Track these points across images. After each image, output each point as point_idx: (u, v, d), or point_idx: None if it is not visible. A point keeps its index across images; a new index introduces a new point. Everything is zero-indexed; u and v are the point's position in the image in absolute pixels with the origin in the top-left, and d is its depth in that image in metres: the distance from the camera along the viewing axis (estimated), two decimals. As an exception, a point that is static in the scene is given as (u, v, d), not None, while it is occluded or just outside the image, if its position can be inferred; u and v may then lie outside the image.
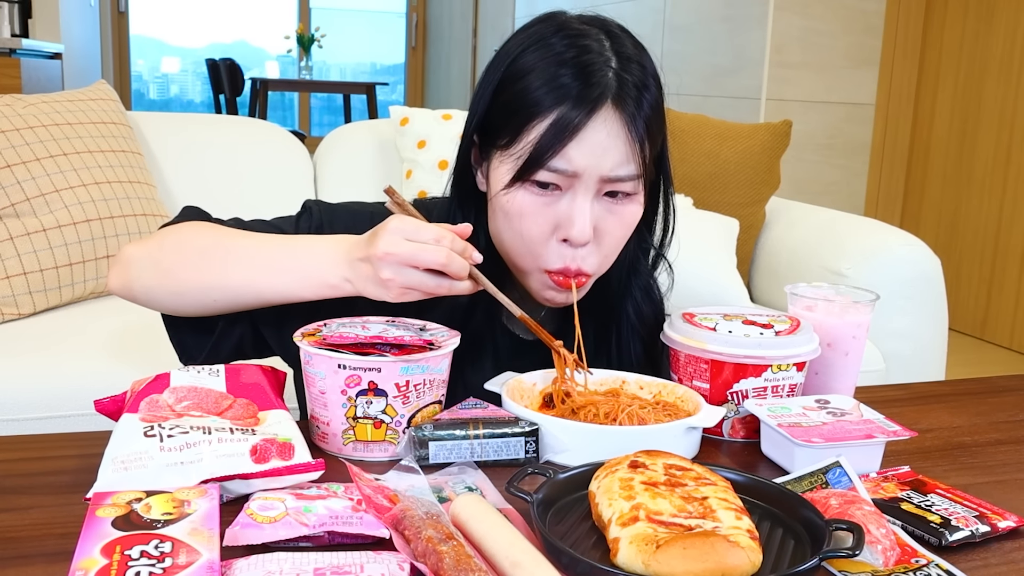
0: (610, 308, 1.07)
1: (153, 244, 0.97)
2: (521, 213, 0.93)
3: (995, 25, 3.65)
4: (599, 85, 0.90)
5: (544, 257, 0.95)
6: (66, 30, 5.15)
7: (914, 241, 1.95)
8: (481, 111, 0.97)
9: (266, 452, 0.77)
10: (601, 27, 0.95)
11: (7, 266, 1.62)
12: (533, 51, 0.93)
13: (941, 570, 0.70)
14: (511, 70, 0.94)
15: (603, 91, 0.90)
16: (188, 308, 0.98)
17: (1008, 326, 3.64)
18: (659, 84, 0.95)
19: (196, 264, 0.94)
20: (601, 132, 0.90)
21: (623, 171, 0.92)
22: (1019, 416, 1.09)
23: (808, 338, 0.99)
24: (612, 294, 1.06)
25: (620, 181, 0.92)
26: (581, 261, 0.94)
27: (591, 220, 0.92)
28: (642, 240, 1.07)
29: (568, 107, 0.89)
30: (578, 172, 0.91)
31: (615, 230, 0.95)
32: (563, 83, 0.90)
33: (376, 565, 0.63)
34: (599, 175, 0.91)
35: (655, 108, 0.94)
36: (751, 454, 0.95)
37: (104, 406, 0.88)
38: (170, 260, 0.95)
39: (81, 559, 0.61)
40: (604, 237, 0.95)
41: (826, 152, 3.79)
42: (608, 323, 1.09)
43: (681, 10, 4.13)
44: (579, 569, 0.65)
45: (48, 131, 1.75)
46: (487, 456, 0.87)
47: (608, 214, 0.94)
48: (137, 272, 0.96)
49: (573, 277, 0.95)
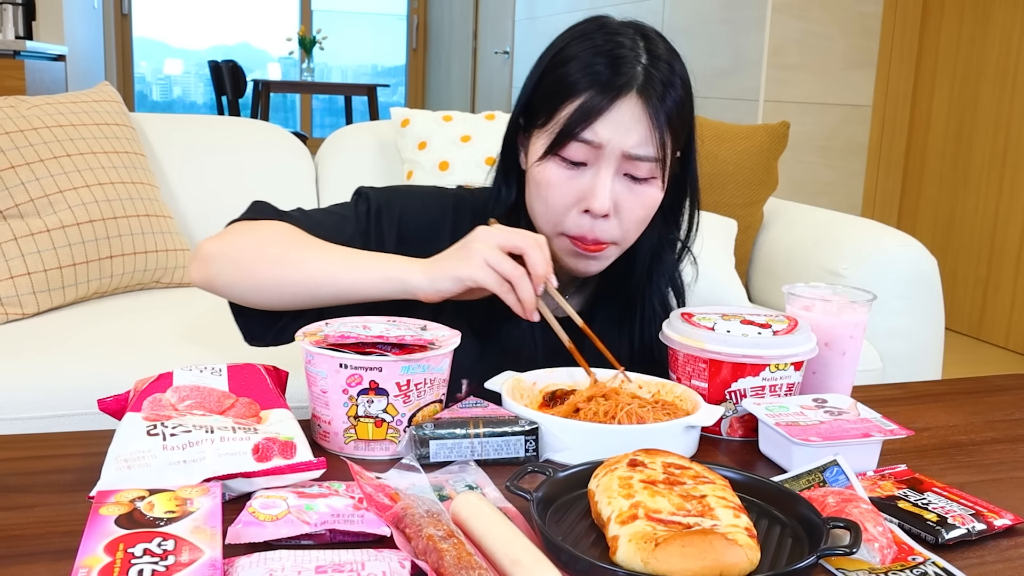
0: (635, 294, 1.15)
1: (232, 241, 1.03)
2: (549, 183, 1.02)
3: (991, 28, 3.65)
4: (627, 75, 0.99)
5: (564, 224, 1.04)
6: (70, 32, 5.14)
7: (911, 241, 1.95)
8: (526, 95, 1.08)
9: (268, 451, 0.77)
10: (638, 29, 1.05)
11: (11, 266, 1.62)
12: (575, 44, 1.03)
13: (937, 568, 0.70)
14: (555, 59, 1.04)
15: (629, 80, 0.99)
16: (266, 301, 1.03)
17: (1004, 326, 3.64)
18: (687, 87, 1.04)
19: (276, 260, 1.00)
20: (625, 114, 0.99)
21: (642, 151, 1.00)
22: (1015, 415, 1.10)
23: (806, 338, 0.99)
24: (637, 279, 1.14)
25: (639, 160, 1.00)
26: (600, 231, 1.03)
27: (611, 194, 1.01)
28: (668, 232, 1.15)
29: (597, 90, 0.99)
30: (602, 144, 0.99)
31: (633, 208, 1.03)
32: (596, 70, 1.00)
33: (377, 563, 0.63)
34: (621, 150, 1.00)
35: (679, 105, 1.02)
36: (749, 453, 0.95)
37: (107, 405, 0.88)
38: (250, 257, 1.01)
39: (85, 557, 0.61)
40: (623, 212, 1.03)
41: (823, 153, 3.79)
42: (632, 308, 1.15)
43: (680, 12, 4.13)
44: (578, 567, 0.65)
45: (52, 132, 1.75)
46: (487, 455, 0.87)
47: (627, 192, 1.02)
48: (218, 268, 1.02)
49: (591, 244, 1.03)
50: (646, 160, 1.00)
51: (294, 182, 2.11)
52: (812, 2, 3.63)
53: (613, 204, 1.01)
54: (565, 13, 5.20)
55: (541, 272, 0.93)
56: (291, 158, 2.14)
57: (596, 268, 1.07)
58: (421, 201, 1.13)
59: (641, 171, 1.01)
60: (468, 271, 0.92)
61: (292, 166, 2.13)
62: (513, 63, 6.05)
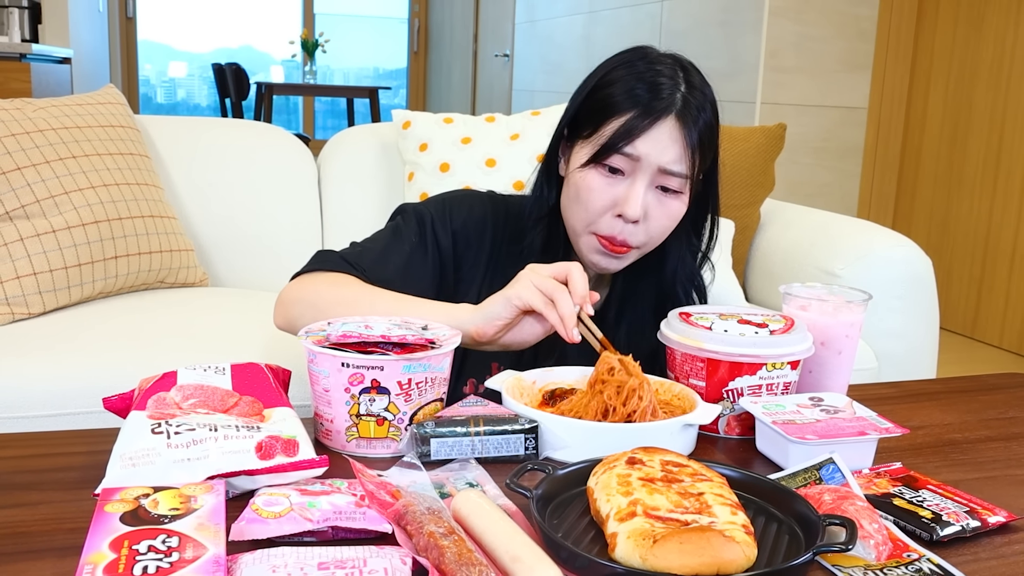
0: (666, 292, 1.23)
1: (310, 289, 1.11)
2: (590, 188, 1.11)
3: (985, 31, 3.65)
4: (668, 100, 1.09)
5: (597, 225, 1.12)
6: (75, 35, 5.14)
7: (906, 242, 1.94)
8: (573, 109, 1.17)
9: (271, 449, 0.78)
10: (676, 60, 1.15)
11: (17, 266, 1.62)
12: (620, 69, 1.13)
13: (932, 564, 0.70)
14: (601, 81, 1.14)
15: (669, 105, 1.09)
16: None
17: (998, 325, 3.64)
18: (715, 111, 1.14)
19: (350, 303, 1.06)
20: (664, 133, 1.09)
21: (676, 167, 1.09)
22: (1008, 413, 1.10)
23: (802, 337, 0.99)
24: (667, 281, 1.23)
25: (672, 176, 1.10)
26: (628, 235, 1.11)
27: (643, 203, 1.09)
28: (691, 243, 1.24)
29: (641, 111, 1.09)
30: (640, 158, 1.09)
31: (660, 217, 1.12)
32: (638, 94, 1.10)
33: (379, 559, 0.63)
34: (657, 165, 1.09)
35: (708, 127, 1.13)
36: (746, 451, 0.95)
37: (112, 403, 0.88)
38: (326, 301, 1.08)
39: (90, 553, 0.61)
40: (650, 221, 1.12)
41: (820, 155, 3.79)
42: (663, 306, 1.19)
43: (678, 16, 4.13)
44: (578, 563, 0.65)
45: (57, 134, 1.75)
46: (487, 453, 0.87)
47: (657, 203, 1.11)
48: (299, 313, 1.09)
49: (619, 245, 1.12)
50: (678, 176, 1.10)
51: (297, 183, 2.11)
52: (808, 5, 3.63)
53: (644, 211, 1.10)
54: (564, 16, 5.20)
55: (581, 291, 0.98)
56: (294, 159, 2.14)
57: (616, 267, 1.16)
58: (466, 203, 1.23)
59: (672, 184, 1.10)
60: (515, 291, 0.98)
61: (295, 167, 2.13)
62: (513, 66, 6.05)
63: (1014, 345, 3.57)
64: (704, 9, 3.93)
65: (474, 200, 1.24)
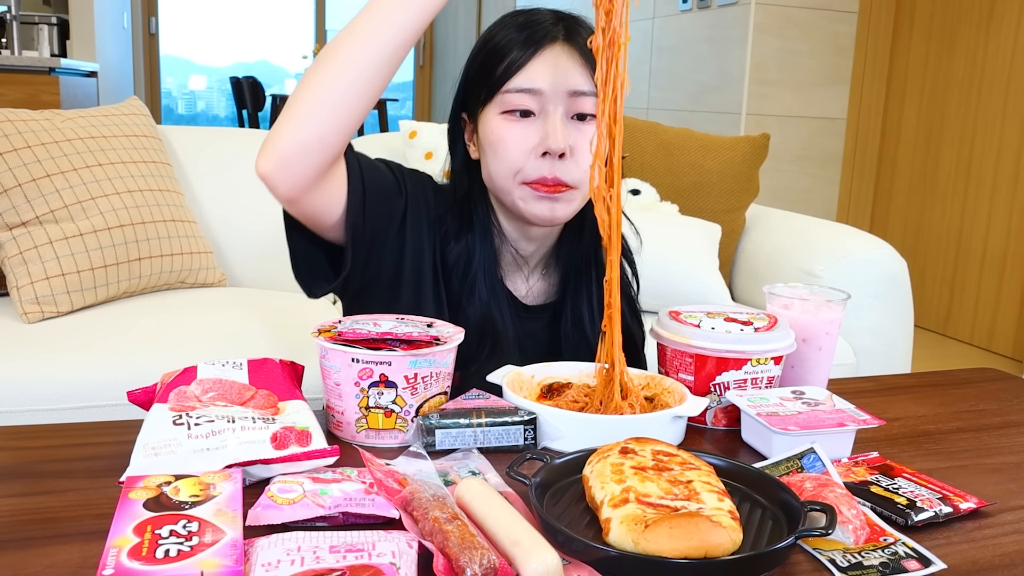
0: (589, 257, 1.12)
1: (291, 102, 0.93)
2: (502, 138, 1.01)
3: (956, 48, 3.64)
4: (549, 30, 1.01)
5: (524, 171, 1.02)
6: (101, 50, 5.14)
7: (882, 245, 1.95)
8: (462, 86, 1.08)
9: (285, 439, 0.77)
10: (553, 12, 1.05)
11: (47, 268, 1.62)
12: (497, 27, 1.05)
13: (907, 548, 0.70)
14: (479, 48, 1.06)
15: (550, 33, 1.01)
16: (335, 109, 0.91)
17: (969, 323, 3.65)
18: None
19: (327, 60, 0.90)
20: (557, 59, 0.99)
21: (586, 87, 0.99)
22: (979, 406, 1.09)
23: (785, 334, 0.99)
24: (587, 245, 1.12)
25: (584, 96, 1.00)
26: (560, 171, 1.01)
27: (563, 134, 0.99)
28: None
29: (522, 43, 1.01)
30: (543, 90, 0.99)
31: (586, 148, 1.00)
32: (517, 35, 1.01)
33: (387, 543, 0.63)
34: (565, 90, 0.99)
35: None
36: (732, 441, 0.95)
37: (136, 397, 0.88)
38: (303, 88, 0.91)
39: (115, 537, 0.61)
40: (578, 153, 1.01)
41: (801, 163, 3.79)
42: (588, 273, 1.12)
43: (668, 32, 4.13)
44: (574, 547, 0.65)
45: (84, 144, 1.75)
46: (489, 443, 0.87)
47: (578, 133, 1.01)
48: (278, 131, 0.91)
49: (552, 184, 1.01)
50: (591, 95, 0.99)
51: (309, 190, 2.10)
52: (791, 22, 3.63)
53: (567, 144, 0.99)
54: (561, 33, 5.19)
55: None
56: (307, 167, 2.14)
57: (562, 212, 1.04)
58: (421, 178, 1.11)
59: (587, 107, 1.00)
60: None
61: (308, 175, 2.13)
62: (513, 79, 6.04)
63: (984, 341, 3.57)
64: (692, 26, 3.93)
65: (427, 181, 1.12)
